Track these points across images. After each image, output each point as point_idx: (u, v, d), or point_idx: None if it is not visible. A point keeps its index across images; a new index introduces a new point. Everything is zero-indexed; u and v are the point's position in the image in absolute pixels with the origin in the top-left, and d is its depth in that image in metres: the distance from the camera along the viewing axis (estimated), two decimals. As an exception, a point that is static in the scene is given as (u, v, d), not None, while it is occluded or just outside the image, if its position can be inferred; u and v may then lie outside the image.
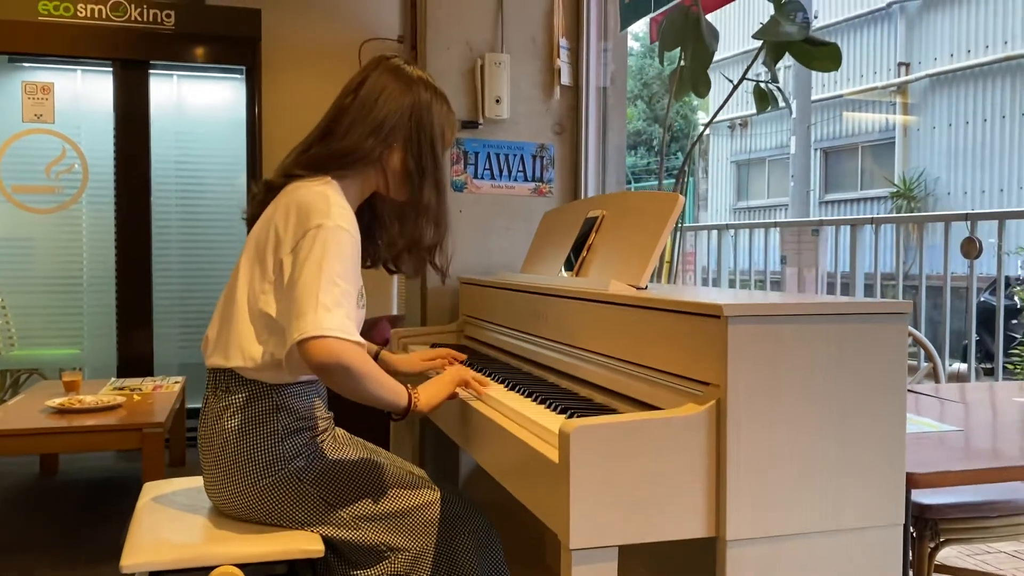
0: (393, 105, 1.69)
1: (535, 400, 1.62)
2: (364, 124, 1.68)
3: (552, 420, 1.44)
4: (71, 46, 4.29)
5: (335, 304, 1.50)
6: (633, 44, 17.63)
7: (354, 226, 1.61)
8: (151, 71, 4.48)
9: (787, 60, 2.90)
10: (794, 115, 11.84)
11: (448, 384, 1.73)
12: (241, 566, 1.55)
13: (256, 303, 1.62)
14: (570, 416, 1.45)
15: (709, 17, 3.05)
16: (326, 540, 1.64)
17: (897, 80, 12.95)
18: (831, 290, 4.64)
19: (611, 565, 1.23)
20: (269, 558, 1.58)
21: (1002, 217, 3.92)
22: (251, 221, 1.73)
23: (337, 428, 1.80)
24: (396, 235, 1.78)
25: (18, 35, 4.20)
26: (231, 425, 1.64)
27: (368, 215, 1.80)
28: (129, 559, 1.54)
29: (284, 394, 1.66)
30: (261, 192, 1.73)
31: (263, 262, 1.62)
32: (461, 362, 2.04)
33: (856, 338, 1.30)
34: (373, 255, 1.83)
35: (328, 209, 1.57)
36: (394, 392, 1.61)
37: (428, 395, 1.68)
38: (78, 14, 4.24)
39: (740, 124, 16.28)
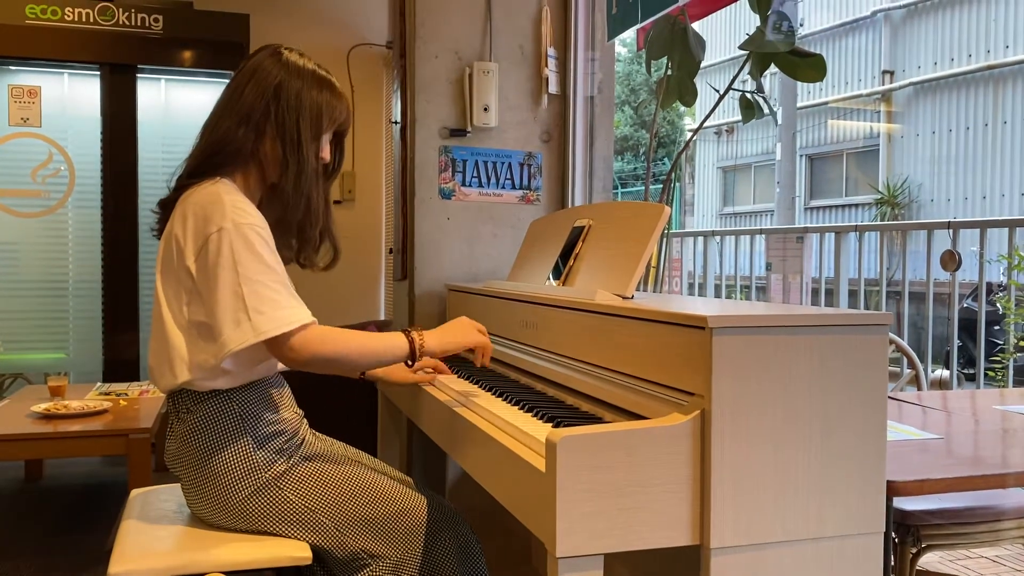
0: (259, 90, 1.64)
1: (522, 408, 1.64)
2: (234, 115, 1.64)
3: (539, 428, 1.45)
4: (58, 49, 4.28)
5: (268, 302, 1.49)
6: (620, 50, 17.70)
7: (255, 215, 1.58)
8: (139, 75, 4.47)
9: (773, 67, 2.93)
10: (780, 122, 11.92)
11: (469, 332, 1.73)
12: (230, 574, 1.55)
13: (182, 316, 1.60)
14: (557, 425, 1.46)
15: (695, 25, 3.08)
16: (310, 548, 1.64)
17: (881, 88, 13.07)
18: (815, 296, 4.67)
19: (597, 573, 1.25)
20: (258, 565, 1.58)
21: (983, 226, 3.97)
22: (159, 238, 1.71)
23: (317, 432, 1.80)
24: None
25: (4, 38, 4.18)
26: (201, 443, 1.63)
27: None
28: (117, 567, 1.53)
29: (245, 401, 1.64)
30: (159, 211, 1.72)
31: (175, 275, 1.60)
32: (443, 373, 2.00)
33: (838, 348, 1.32)
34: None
35: (224, 209, 1.54)
36: (386, 349, 1.63)
37: (441, 338, 1.68)
38: (65, 17, 4.24)
39: (726, 130, 16.38)
